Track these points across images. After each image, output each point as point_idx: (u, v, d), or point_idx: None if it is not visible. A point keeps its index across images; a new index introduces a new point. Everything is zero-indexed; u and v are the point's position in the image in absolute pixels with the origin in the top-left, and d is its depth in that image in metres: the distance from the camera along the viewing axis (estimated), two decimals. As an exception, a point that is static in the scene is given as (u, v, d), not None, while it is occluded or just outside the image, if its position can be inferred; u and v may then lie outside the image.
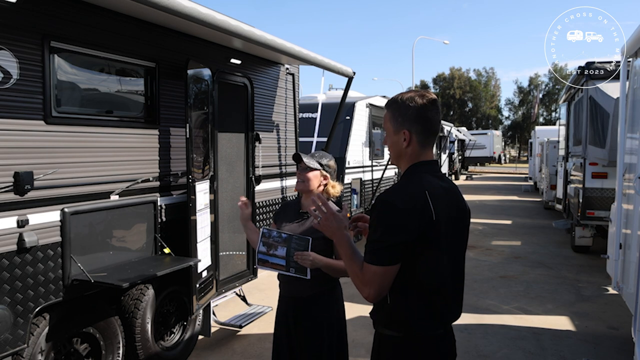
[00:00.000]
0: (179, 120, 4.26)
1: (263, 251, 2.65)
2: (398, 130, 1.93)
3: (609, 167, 7.64)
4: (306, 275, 2.60)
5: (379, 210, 1.83)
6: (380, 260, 1.78)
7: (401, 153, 1.95)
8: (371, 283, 1.80)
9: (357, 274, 1.85)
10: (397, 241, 1.77)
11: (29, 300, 3.08)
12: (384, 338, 1.95)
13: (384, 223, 1.80)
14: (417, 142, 1.91)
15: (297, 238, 2.64)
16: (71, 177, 3.35)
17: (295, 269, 2.61)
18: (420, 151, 1.93)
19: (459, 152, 29.96)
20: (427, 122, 1.91)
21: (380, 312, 1.96)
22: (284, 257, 2.63)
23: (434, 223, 1.81)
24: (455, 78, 65.51)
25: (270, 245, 2.64)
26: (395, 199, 1.81)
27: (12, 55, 2.96)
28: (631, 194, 4.39)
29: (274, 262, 2.64)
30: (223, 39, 4.50)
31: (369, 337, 4.87)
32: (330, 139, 6.84)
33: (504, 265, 8.31)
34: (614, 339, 5.16)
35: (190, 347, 4.50)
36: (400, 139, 1.92)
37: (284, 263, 2.62)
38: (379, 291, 1.81)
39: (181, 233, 4.17)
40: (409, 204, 1.79)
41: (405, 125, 1.90)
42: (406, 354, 1.89)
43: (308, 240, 2.62)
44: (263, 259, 2.65)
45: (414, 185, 1.86)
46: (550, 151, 14.62)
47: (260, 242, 2.66)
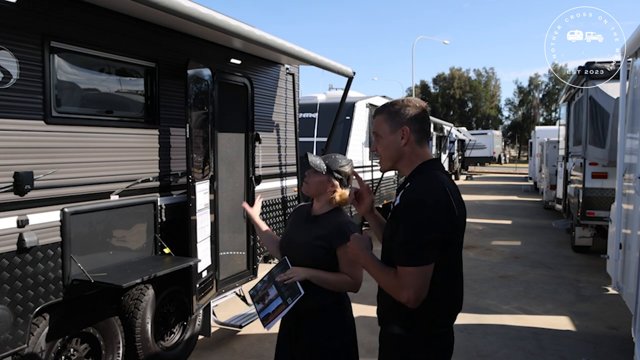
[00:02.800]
0: (179, 120, 4.26)
1: (261, 308, 2.54)
2: (396, 129, 1.95)
3: (609, 167, 7.64)
4: (300, 292, 2.39)
5: (408, 210, 1.81)
6: (416, 260, 1.77)
7: (400, 152, 1.96)
8: (410, 285, 1.77)
9: (391, 281, 1.84)
10: (431, 238, 1.77)
11: (29, 300, 3.08)
12: (393, 336, 1.95)
13: (414, 222, 1.78)
14: (414, 141, 1.95)
15: (275, 268, 2.53)
16: (71, 177, 3.35)
17: (290, 296, 2.42)
18: (419, 150, 1.97)
19: (459, 152, 29.96)
20: (423, 122, 1.97)
21: (391, 309, 1.95)
22: (277, 294, 2.48)
23: (457, 219, 1.85)
24: (455, 78, 65.50)
25: (262, 297, 2.54)
26: (423, 197, 1.80)
27: (12, 55, 2.96)
28: (631, 194, 4.39)
29: (274, 309, 2.47)
30: (223, 39, 4.50)
31: (369, 337, 4.89)
32: (330, 139, 6.84)
33: (504, 265, 8.31)
34: (614, 339, 5.16)
35: (190, 347, 4.50)
36: (397, 138, 1.95)
37: (280, 300, 2.46)
38: (419, 293, 1.78)
39: (181, 233, 4.17)
40: (438, 201, 1.80)
41: (405, 123, 1.94)
42: (416, 350, 1.91)
43: (284, 260, 2.50)
44: (265, 315, 2.50)
45: (434, 182, 1.87)
46: (550, 151, 14.62)
47: (254, 304, 2.57)
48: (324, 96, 10.03)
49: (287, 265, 2.49)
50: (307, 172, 2.60)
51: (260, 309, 2.53)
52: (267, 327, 2.49)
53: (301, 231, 2.58)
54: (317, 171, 2.55)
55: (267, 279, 2.56)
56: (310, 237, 2.51)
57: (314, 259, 2.46)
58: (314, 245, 2.47)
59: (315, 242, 2.47)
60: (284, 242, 2.65)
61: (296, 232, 2.61)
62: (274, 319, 2.46)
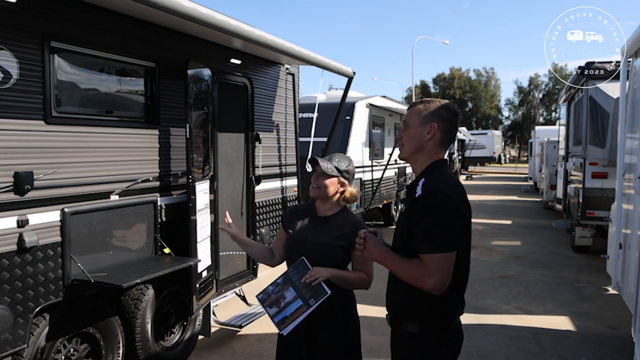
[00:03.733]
0: (179, 120, 4.26)
1: (275, 312, 2.39)
2: (425, 123, 2.03)
3: (609, 167, 7.64)
4: (325, 292, 2.35)
5: (431, 200, 1.88)
6: (442, 246, 1.84)
7: (422, 145, 2.03)
8: (436, 271, 1.83)
9: (415, 270, 1.88)
10: (455, 225, 1.86)
11: (29, 300, 3.08)
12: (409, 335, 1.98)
13: (437, 210, 1.86)
14: (438, 139, 2.02)
15: (292, 269, 2.43)
16: (71, 177, 3.35)
17: (313, 297, 2.35)
18: (438, 149, 2.05)
19: (459, 152, 29.93)
20: (452, 126, 2.05)
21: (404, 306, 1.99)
22: (296, 296, 2.37)
23: (470, 211, 1.98)
24: (455, 78, 65.51)
25: (277, 300, 2.40)
26: (444, 188, 1.89)
27: (12, 55, 2.96)
28: (631, 194, 4.39)
29: (292, 312, 2.36)
30: (223, 39, 4.50)
31: (370, 338, 4.89)
32: (330, 139, 6.84)
33: (504, 265, 8.31)
34: (614, 339, 5.16)
35: (190, 347, 4.50)
36: (424, 132, 2.02)
37: (301, 302, 2.36)
38: (445, 278, 1.84)
39: (181, 233, 4.17)
40: (457, 192, 1.92)
41: (435, 120, 2.02)
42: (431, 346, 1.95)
43: (302, 260, 2.42)
44: (281, 319, 2.37)
45: (449, 177, 1.98)
46: (550, 151, 14.62)
47: (265, 308, 2.42)
48: (323, 96, 10.02)
49: (306, 265, 2.41)
50: (315, 176, 2.59)
51: (275, 312, 2.39)
52: (283, 332, 2.38)
53: (312, 233, 2.56)
54: (328, 174, 2.56)
55: (281, 281, 2.43)
56: (326, 238, 2.51)
57: (330, 259, 2.47)
58: (332, 245, 2.48)
59: (333, 242, 2.49)
60: (294, 245, 2.57)
61: (307, 233, 2.58)
62: (292, 322, 2.36)
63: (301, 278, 2.38)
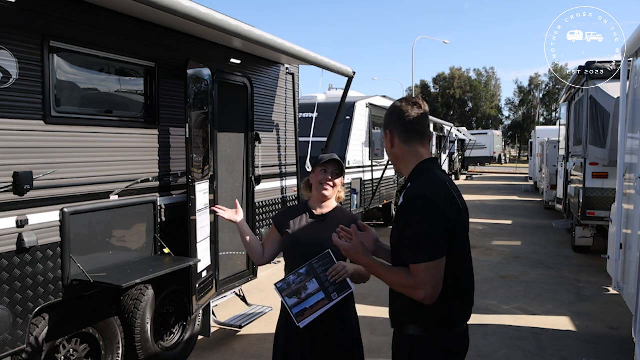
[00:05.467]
0: (179, 120, 4.26)
1: (295, 302, 2.32)
2: (385, 134, 2.03)
3: (610, 167, 7.63)
4: (350, 287, 2.33)
5: (412, 207, 1.84)
6: (429, 255, 1.78)
7: (392, 155, 2.04)
8: (426, 282, 1.78)
9: (405, 280, 1.84)
10: (439, 231, 1.80)
11: (28, 301, 3.08)
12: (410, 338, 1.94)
13: (421, 217, 1.81)
14: (401, 142, 1.98)
15: (317, 260, 2.36)
16: (71, 177, 3.35)
17: (336, 291, 2.31)
18: (410, 150, 1.98)
19: (459, 152, 29.95)
20: (407, 123, 1.97)
21: (405, 309, 1.95)
22: (319, 289, 2.32)
23: (461, 212, 1.90)
24: (456, 78, 65.48)
25: (297, 291, 2.33)
26: (425, 192, 1.83)
27: (11, 55, 2.96)
28: (632, 194, 4.39)
29: (313, 304, 2.31)
30: (223, 38, 4.50)
31: (370, 338, 4.89)
32: (330, 139, 6.83)
33: (504, 265, 8.30)
34: (614, 339, 5.16)
35: (190, 348, 4.50)
36: (387, 142, 2.03)
37: (322, 295, 2.31)
38: (435, 288, 1.80)
39: (181, 233, 4.17)
40: (439, 193, 1.84)
41: (388, 128, 2.01)
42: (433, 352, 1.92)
43: (328, 253, 2.36)
44: (301, 311, 2.31)
45: (434, 178, 1.91)
46: (551, 151, 14.61)
47: (284, 298, 2.35)
48: (323, 96, 10.02)
49: (332, 259, 2.35)
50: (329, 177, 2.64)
51: (294, 303, 2.32)
52: (301, 324, 2.32)
53: (313, 231, 2.61)
54: (339, 174, 2.67)
55: (304, 271, 2.35)
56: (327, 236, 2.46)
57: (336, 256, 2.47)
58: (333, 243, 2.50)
59: None
60: (297, 241, 2.59)
61: (309, 233, 2.61)
62: (311, 314, 2.31)
63: (326, 271, 2.34)
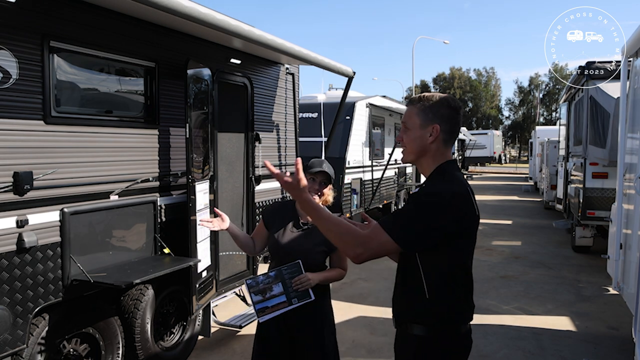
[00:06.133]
0: (179, 120, 4.26)
1: (259, 300, 2.63)
2: (426, 125, 1.92)
3: (610, 167, 7.63)
4: (310, 297, 2.62)
5: (424, 199, 1.83)
6: (399, 235, 1.77)
7: (425, 149, 1.94)
8: (371, 248, 1.78)
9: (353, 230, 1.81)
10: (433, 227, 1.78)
11: (28, 301, 3.08)
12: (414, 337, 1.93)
13: (427, 207, 1.79)
14: (441, 140, 1.93)
15: (286, 267, 2.63)
16: (71, 177, 3.35)
17: (297, 297, 2.62)
18: (444, 150, 1.96)
19: (459, 152, 29.98)
20: (455, 125, 1.95)
21: (412, 308, 1.94)
22: (282, 292, 2.61)
23: (477, 218, 1.89)
24: (456, 78, 65.52)
25: (263, 290, 2.63)
26: (442, 192, 1.82)
27: (11, 55, 2.96)
28: (632, 194, 4.39)
29: (274, 305, 2.62)
30: (223, 38, 4.49)
31: (370, 338, 4.89)
32: (331, 139, 6.83)
33: (504, 265, 8.30)
34: (614, 339, 5.16)
35: (190, 348, 4.50)
36: (426, 134, 1.92)
37: (284, 299, 2.61)
38: (370, 258, 1.80)
39: (181, 233, 4.17)
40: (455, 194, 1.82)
41: (437, 121, 1.91)
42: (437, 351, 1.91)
43: (298, 263, 2.62)
44: (262, 308, 2.63)
45: (455, 182, 1.88)
46: (551, 151, 14.62)
47: (251, 294, 2.64)
48: (324, 96, 10.02)
49: (300, 269, 2.62)
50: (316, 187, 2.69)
51: (258, 300, 2.63)
52: (261, 319, 2.65)
53: (297, 240, 2.71)
54: (327, 184, 2.73)
55: (273, 275, 2.64)
56: (310, 244, 2.68)
57: (315, 265, 2.70)
58: (316, 252, 2.68)
59: (317, 248, 2.67)
60: (281, 249, 2.72)
61: (293, 241, 2.70)
62: (271, 313, 2.63)
63: (292, 278, 2.61)
